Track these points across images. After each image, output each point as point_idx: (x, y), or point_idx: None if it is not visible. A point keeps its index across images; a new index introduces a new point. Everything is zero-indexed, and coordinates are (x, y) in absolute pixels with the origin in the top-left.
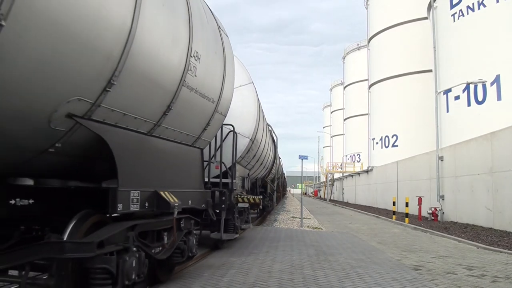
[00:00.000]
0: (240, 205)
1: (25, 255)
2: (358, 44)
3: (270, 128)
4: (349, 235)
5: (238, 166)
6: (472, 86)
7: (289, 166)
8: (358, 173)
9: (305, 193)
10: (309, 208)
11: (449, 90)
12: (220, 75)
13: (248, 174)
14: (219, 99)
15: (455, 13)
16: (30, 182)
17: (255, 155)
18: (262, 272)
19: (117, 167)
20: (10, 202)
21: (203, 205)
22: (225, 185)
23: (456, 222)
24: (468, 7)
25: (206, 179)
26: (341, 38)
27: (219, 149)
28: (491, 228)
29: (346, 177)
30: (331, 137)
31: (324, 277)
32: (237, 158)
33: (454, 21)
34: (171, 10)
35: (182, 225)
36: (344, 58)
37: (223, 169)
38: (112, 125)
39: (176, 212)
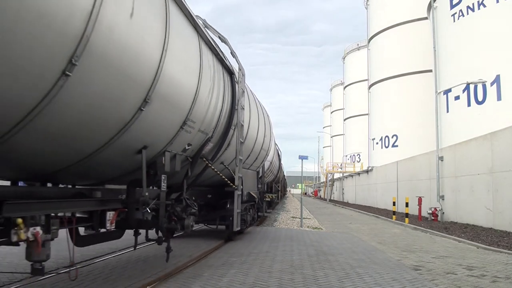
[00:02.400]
0: (266, 200)
1: (217, 214)
2: (358, 44)
3: (277, 147)
4: (349, 235)
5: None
6: (472, 86)
7: (289, 166)
8: (358, 173)
9: (305, 193)
10: (309, 208)
11: (449, 90)
12: (270, 138)
13: (265, 180)
14: (268, 148)
15: (455, 13)
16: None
17: (270, 169)
18: (262, 272)
19: (243, 183)
20: (208, 196)
21: (257, 198)
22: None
23: (456, 222)
24: (468, 7)
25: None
26: (344, 38)
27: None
28: (491, 228)
29: (346, 177)
30: (331, 137)
31: (324, 277)
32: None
33: (454, 21)
34: (263, 123)
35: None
36: (344, 58)
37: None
38: (244, 168)
39: (257, 201)
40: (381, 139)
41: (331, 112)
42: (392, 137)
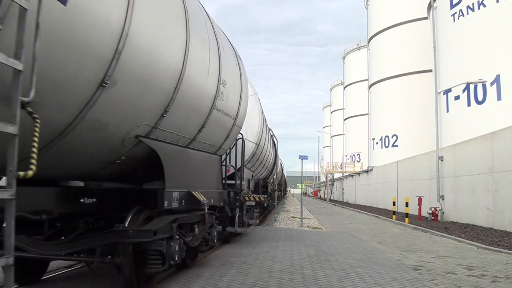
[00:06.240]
0: (247, 203)
1: (98, 240)
2: (358, 44)
3: (271, 133)
4: (349, 235)
5: (244, 169)
6: (472, 86)
7: (289, 166)
8: (358, 173)
9: (305, 193)
10: (309, 208)
11: (449, 90)
12: (238, 95)
13: (252, 175)
14: (237, 115)
15: (455, 13)
16: (81, 184)
17: (258, 158)
18: (262, 272)
19: (165, 172)
20: (81, 200)
21: (221, 203)
22: (232, 186)
23: (456, 222)
24: (468, 7)
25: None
26: (348, 38)
27: (230, 154)
28: (491, 228)
29: (346, 177)
30: (331, 137)
31: (324, 277)
32: (244, 162)
33: (454, 21)
34: (206, 47)
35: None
36: (344, 58)
37: (232, 171)
38: (162, 141)
39: (206, 208)
40: (381, 139)
41: (331, 112)
42: (392, 137)
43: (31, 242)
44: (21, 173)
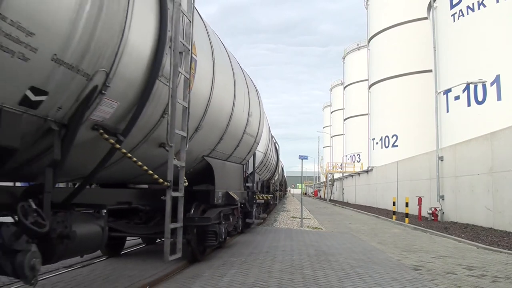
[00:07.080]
0: (258, 201)
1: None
2: (358, 44)
3: (274, 141)
4: (349, 235)
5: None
6: (472, 86)
7: (289, 166)
8: (358, 173)
9: (305, 193)
10: (309, 208)
11: (449, 90)
12: (258, 118)
13: (259, 178)
14: (257, 134)
15: (455, 13)
16: (145, 186)
17: (265, 164)
18: (262, 272)
19: (215, 179)
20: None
21: (243, 200)
22: (248, 187)
23: (456, 222)
24: (468, 7)
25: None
26: (348, 38)
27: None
28: (491, 228)
29: (346, 177)
30: (331, 137)
31: (324, 277)
32: (255, 168)
33: (454, 21)
34: (242, 93)
35: (238, 212)
36: (344, 58)
37: (246, 175)
38: (214, 158)
39: (239, 204)
40: (381, 139)
41: (331, 112)
42: (392, 137)
43: (130, 226)
44: (185, 184)
